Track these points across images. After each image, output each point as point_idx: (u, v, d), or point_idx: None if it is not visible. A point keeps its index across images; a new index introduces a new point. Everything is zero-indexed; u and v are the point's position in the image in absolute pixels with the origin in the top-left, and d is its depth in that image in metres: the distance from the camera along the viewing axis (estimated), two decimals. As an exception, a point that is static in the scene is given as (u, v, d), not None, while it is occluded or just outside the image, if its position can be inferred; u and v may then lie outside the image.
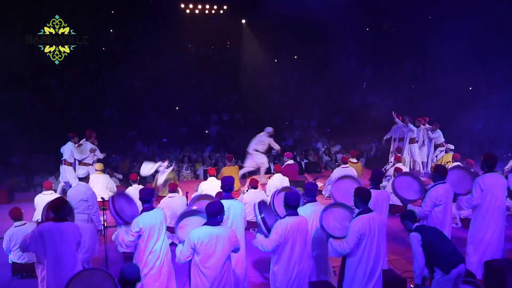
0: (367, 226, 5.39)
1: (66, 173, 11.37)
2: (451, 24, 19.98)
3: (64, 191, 11.39)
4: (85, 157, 11.49)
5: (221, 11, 21.68)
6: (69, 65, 18.95)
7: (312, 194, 6.26)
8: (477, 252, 6.76)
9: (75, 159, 11.52)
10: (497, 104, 18.62)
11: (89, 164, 11.65)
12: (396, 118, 13.16)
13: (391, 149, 13.50)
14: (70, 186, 11.29)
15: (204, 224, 5.22)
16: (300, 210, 5.81)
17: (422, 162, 13.48)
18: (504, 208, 6.90)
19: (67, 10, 14.19)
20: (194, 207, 6.20)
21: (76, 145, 11.38)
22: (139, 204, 6.32)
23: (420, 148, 13.44)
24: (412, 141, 13.20)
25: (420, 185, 7.13)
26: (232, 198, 6.28)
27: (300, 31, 22.04)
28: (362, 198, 5.55)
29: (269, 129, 12.58)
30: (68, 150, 11.32)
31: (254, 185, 9.49)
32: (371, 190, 6.07)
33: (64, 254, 5.68)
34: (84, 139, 11.65)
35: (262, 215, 5.71)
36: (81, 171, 8.57)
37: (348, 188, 6.63)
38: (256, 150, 12.50)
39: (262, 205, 5.89)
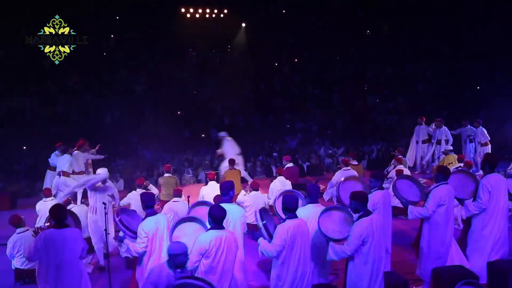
0: (370, 228, 5.40)
1: (68, 182, 11.20)
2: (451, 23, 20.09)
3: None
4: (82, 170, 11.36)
5: (222, 15, 21.73)
6: (70, 71, 19.05)
7: (314, 196, 6.27)
8: (479, 253, 6.73)
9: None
10: (498, 105, 18.60)
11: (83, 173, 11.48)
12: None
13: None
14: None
15: (210, 229, 5.27)
16: (300, 211, 5.84)
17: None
18: (507, 209, 6.89)
19: (68, 15, 14.25)
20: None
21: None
22: (140, 212, 6.31)
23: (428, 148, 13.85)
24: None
25: (419, 188, 7.11)
26: (231, 202, 6.25)
27: (301, 34, 22.10)
28: (360, 201, 5.54)
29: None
30: (67, 162, 10.98)
31: (255, 187, 9.51)
32: (376, 191, 6.20)
33: (67, 261, 5.62)
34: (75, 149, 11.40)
35: (264, 222, 5.68)
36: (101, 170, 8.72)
37: (353, 188, 6.69)
38: None
39: (263, 212, 5.89)
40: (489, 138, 13.71)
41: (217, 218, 5.24)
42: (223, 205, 5.76)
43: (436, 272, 6.34)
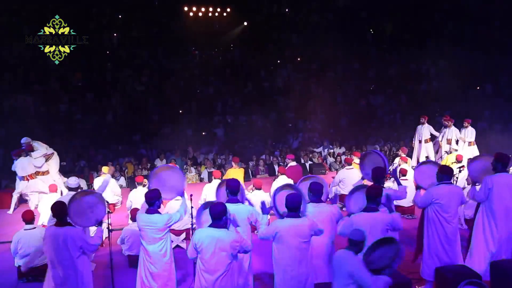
0: (368, 224, 5.46)
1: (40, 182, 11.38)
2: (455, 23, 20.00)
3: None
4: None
5: (224, 14, 21.72)
6: (73, 69, 19.07)
7: (317, 194, 6.22)
8: (483, 253, 6.71)
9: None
10: (502, 105, 18.56)
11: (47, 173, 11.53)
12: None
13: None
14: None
15: (209, 226, 5.23)
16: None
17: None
18: None
19: (71, 14, 14.24)
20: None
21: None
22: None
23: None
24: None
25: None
26: (237, 201, 6.18)
27: (303, 33, 22.05)
28: (369, 196, 5.60)
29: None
30: (27, 165, 11.30)
31: (258, 187, 9.48)
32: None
33: (63, 259, 5.68)
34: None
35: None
36: (72, 181, 8.10)
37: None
38: None
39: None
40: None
41: (214, 215, 5.17)
42: (230, 204, 5.72)
43: (439, 272, 6.32)
